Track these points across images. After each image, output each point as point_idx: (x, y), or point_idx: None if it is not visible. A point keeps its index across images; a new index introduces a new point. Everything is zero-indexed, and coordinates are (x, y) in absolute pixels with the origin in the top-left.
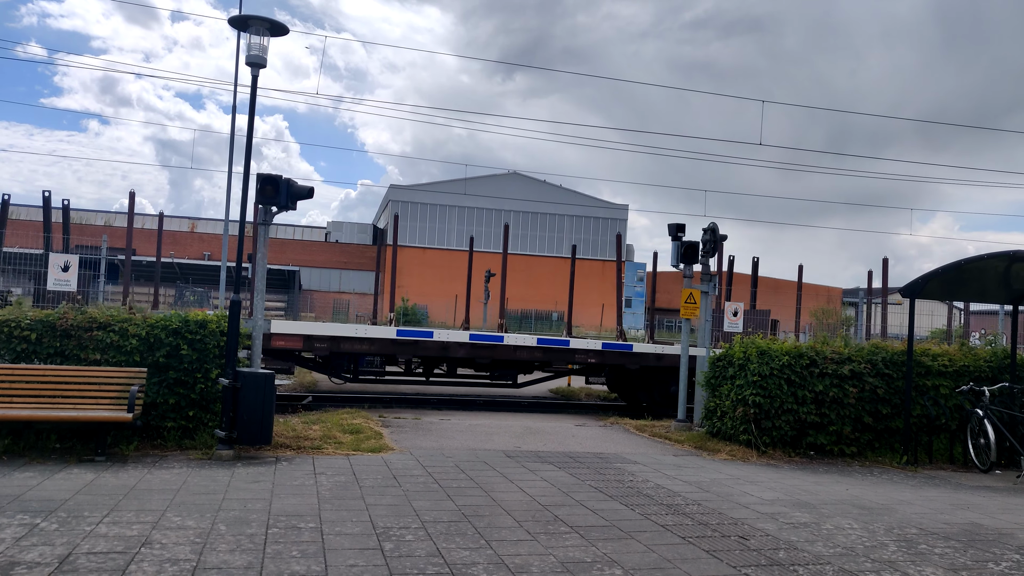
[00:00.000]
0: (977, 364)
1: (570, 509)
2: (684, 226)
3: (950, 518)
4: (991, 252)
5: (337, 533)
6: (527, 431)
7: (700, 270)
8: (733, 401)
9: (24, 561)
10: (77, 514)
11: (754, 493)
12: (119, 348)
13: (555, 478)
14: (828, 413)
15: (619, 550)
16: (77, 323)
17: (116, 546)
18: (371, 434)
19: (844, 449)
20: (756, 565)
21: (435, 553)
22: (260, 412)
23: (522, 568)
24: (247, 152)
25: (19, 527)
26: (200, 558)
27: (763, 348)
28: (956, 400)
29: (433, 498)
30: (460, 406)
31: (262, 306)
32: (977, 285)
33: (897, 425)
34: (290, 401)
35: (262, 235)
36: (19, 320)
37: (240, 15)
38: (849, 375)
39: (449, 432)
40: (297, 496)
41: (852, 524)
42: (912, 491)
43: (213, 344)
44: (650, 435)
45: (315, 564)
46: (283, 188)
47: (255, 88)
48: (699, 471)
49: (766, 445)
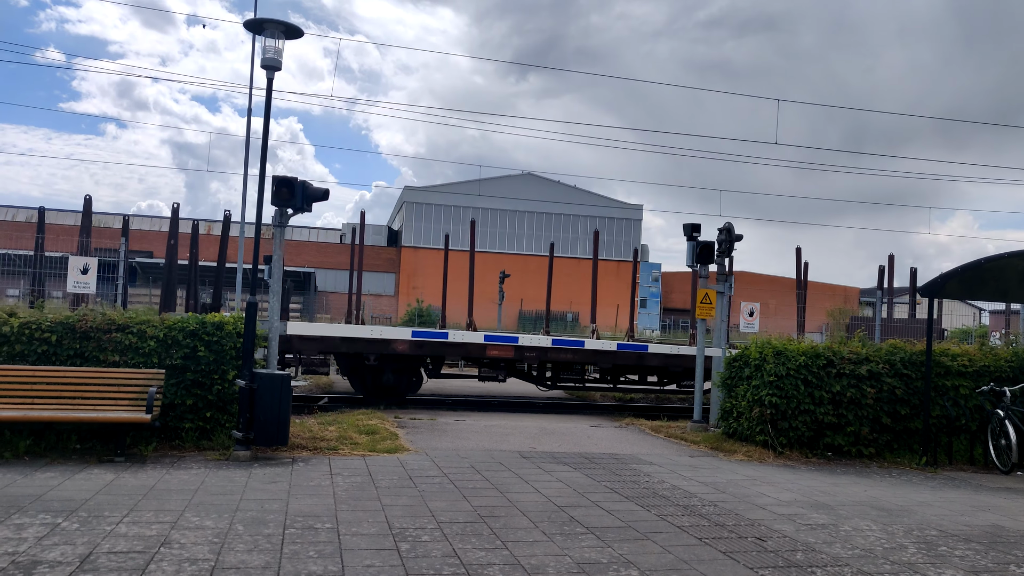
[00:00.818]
0: (998, 364)
1: (586, 510)
2: (699, 226)
3: (971, 520)
4: (1012, 251)
5: (354, 533)
6: (542, 432)
7: (715, 270)
8: (749, 402)
9: (46, 560)
10: (97, 514)
11: (771, 494)
12: (137, 350)
13: (570, 479)
14: (846, 414)
15: (635, 551)
16: (96, 325)
17: (136, 546)
18: (387, 435)
19: (862, 450)
20: (773, 567)
21: (451, 554)
22: (276, 413)
23: (538, 569)
24: (263, 154)
25: (41, 526)
26: (218, 558)
27: (779, 348)
28: (976, 400)
29: (449, 499)
30: (475, 407)
31: (278, 307)
32: (997, 284)
33: (916, 426)
34: (306, 402)
35: (278, 237)
36: (40, 322)
37: (255, 18)
38: (867, 375)
39: (464, 433)
40: (314, 497)
41: (871, 526)
42: (931, 492)
43: (230, 346)
44: (666, 436)
45: (332, 564)
46: (298, 190)
47: (270, 91)
48: (715, 472)
49: (783, 446)
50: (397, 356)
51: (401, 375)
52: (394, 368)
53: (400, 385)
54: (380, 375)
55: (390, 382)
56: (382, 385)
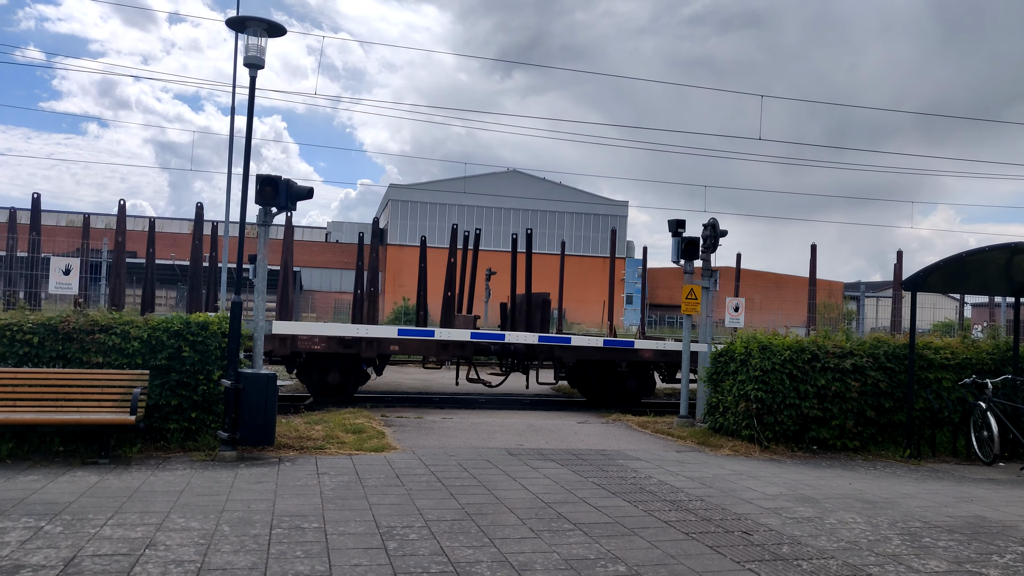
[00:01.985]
0: (980, 357)
1: (573, 506)
2: (684, 222)
3: (954, 511)
4: (992, 244)
5: (341, 533)
6: (529, 429)
7: (701, 266)
8: (735, 396)
9: (29, 564)
10: (82, 517)
11: (757, 488)
12: (121, 351)
13: (558, 475)
14: (830, 407)
15: (623, 547)
16: (79, 326)
17: (121, 548)
18: (374, 434)
19: (847, 443)
20: (760, 560)
21: (439, 552)
22: (262, 413)
23: (526, 566)
24: (246, 153)
25: (24, 530)
26: (204, 559)
27: (765, 343)
28: (959, 393)
29: (436, 497)
30: (462, 405)
31: (263, 307)
32: (979, 278)
33: (900, 419)
34: (292, 401)
35: (263, 236)
36: (21, 324)
37: (238, 16)
38: (851, 369)
39: (451, 431)
40: (300, 496)
41: (856, 518)
42: (915, 484)
43: (215, 345)
44: (652, 432)
45: (319, 564)
46: (282, 189)
47: (253, 89)
48: (702, 467)
49: (768, 440)
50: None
51: (348, 373)
52: (340, 367)
53: (347, 383)
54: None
55: (336, 381)
56: (329, 384)
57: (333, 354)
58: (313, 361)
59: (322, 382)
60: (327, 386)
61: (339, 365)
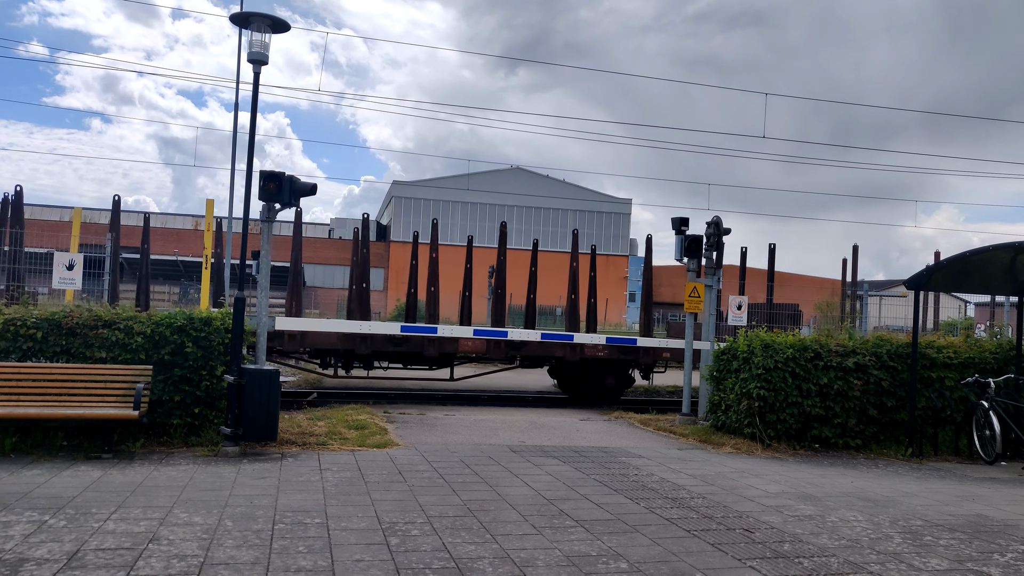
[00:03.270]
0: (982, 356)
1: (575, 503)
2: (688, 220)
3: (955, 510)
4: (996, 243)
5: (343, 528)
6: (531, 426)
7: (704, 264)
8: (737, 395)
9: (33, 558)
10: (85, 511)
11: (759, 486)
12: (125, 346)
13: (560, 472)
14: (833, 406)
15: (624, 544)
16: (83, 321)
17: (124, 542)
18: (376, 430)
19: (849, 442)
20: (761, 558)
21: (441, 547)
22: (265, 409)
23: (528, 562)
24: (250, 149)
25: (28, 524)
26: (207, 554)
27: (767, 341)
28: (961, 392)
29: (438, 493)
30: (465, 401)
31: (266, 303)
32: (982, 277)
33: (902, 417)
34: (295, 398)
35: (266, 232)
36: (25, 319)
37: (241, 12)
38: (854, 368)
39: (454, 427)
40: (303, 492)
41: (857, 516)
42: (917, 483)
43: (218, 341)
44: (655, 429)
45: (321, 559)
46: (286, 185)
47: (257, 85)
48: (704, 465)
49: (771, 438)
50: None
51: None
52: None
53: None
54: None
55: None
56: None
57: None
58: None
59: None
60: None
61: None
